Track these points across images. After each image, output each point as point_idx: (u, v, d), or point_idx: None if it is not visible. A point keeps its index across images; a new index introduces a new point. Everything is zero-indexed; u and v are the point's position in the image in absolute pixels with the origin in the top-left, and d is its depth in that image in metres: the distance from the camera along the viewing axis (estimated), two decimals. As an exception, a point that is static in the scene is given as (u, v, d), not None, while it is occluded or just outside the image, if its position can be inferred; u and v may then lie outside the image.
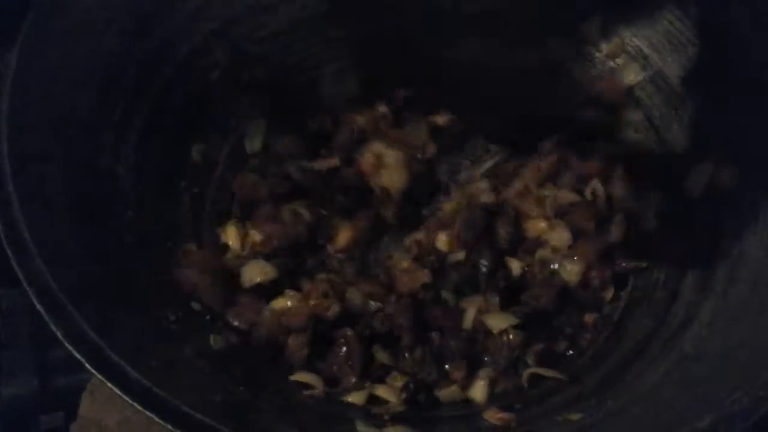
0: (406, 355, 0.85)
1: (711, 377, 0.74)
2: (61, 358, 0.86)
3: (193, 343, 0.78)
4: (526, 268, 0.91)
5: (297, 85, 1.00)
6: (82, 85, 0.81)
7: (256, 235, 0.91)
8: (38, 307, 0.66)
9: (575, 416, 0.76)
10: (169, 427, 0.62)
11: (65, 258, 0.71)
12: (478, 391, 0.84)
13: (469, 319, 0.87)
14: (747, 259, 0.81)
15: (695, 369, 0.76)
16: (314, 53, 1.00)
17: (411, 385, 0.83)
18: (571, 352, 0.88)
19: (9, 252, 0.67)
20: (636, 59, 0.98)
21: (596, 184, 0.94)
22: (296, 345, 0.84)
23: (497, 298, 0.88)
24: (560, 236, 0.91)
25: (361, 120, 0.99)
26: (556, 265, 0.90)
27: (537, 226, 0.93)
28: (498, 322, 0.86)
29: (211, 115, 0.94)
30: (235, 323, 0.85)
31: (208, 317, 0.84)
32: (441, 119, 1.01)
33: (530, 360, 0.86)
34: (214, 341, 0.81)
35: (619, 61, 0.99)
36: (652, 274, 0.90)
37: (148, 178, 0.86)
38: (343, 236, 0.94)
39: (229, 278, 0.88)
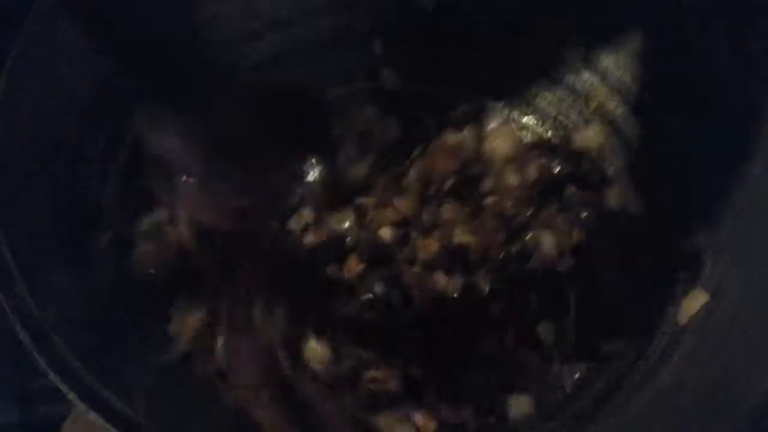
0: None
1: (691, 408, 0.74)
2: (43, 388, 0.86)
3: (175, 374, 0.78)
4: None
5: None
6: (67, 114, 0.81)
7: None
8: (20, 335, 0.66)
9: (556, 448, 0.77)
10: (152, 455, 0.62)
11: (49, 286, 0.71)
12: None
13: None
14: (727, 291, 0.82)
15: (675, 401, 0.77)
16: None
17: None
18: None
19: (-7, 279, 0.67)
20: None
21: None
22: None
23: None
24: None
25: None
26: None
27: None
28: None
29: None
30: None
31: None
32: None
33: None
34: None
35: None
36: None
37: (133, 208, 0.86)
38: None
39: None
